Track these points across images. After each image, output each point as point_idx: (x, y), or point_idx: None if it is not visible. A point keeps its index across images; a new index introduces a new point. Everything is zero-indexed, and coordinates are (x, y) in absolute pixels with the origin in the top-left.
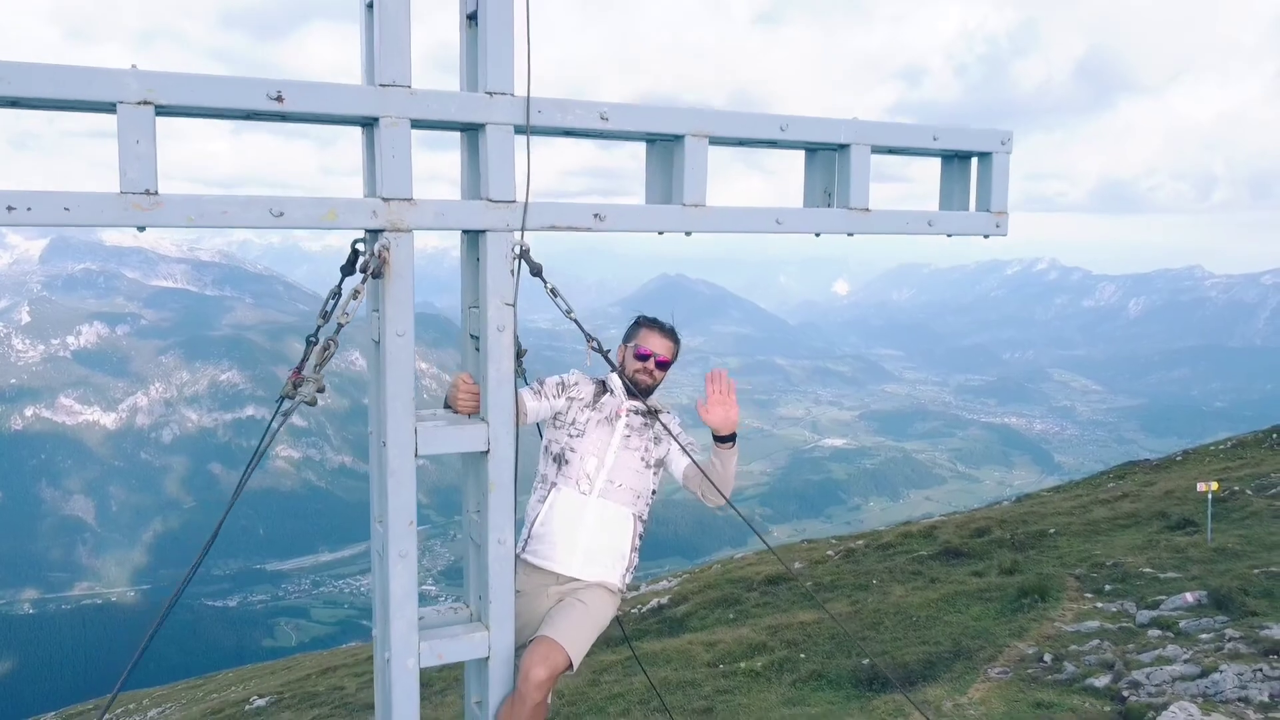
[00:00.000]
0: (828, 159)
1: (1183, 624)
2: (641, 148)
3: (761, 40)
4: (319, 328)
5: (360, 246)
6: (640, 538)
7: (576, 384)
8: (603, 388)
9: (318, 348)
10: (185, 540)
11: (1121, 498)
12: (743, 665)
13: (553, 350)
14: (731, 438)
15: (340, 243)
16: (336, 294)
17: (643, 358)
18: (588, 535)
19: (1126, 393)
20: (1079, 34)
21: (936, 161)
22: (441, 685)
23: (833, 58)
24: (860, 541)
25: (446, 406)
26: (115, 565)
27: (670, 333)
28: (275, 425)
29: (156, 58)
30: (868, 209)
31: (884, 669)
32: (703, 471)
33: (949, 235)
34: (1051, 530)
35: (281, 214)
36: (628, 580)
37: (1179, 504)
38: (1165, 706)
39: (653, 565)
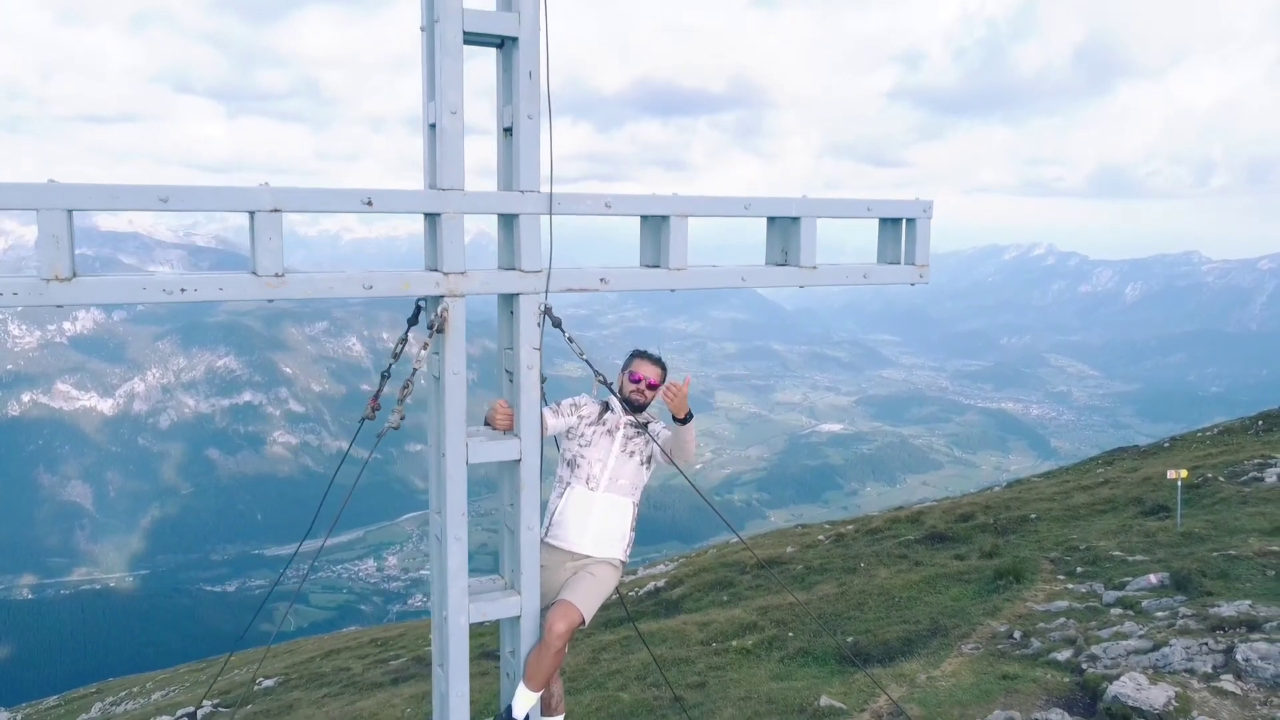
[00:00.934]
0: (784, 225)
1: (1144, 603)
2: (645, 127)
3: (759, 23)
4: (390, 365)
5: (423, 304)
6: (636, 519)
7: (585, 405)
8: (605, 407)
9: (396, 385)
10: (183, 526)
11: (1102, 484)
12: (734, 643)
13: (551, 335)
14: (687, 419)
15: (334, 227)
16: (404, 340)
17: (635, 381)
18: (595, 522)
19: (1123, 378)
20: (1078, 18)
21: (932, 146)
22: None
23: (830, 41)
24: (850, 526)
25: (486, 424)
26: (114, 551)
27: (657, 361)
28: (353, 449)
29: (149, 41)
30: (815, 266)
31: (844, 648)
32: (664, 451)
33: (880, 284)
34: (1033, 516)
35: (371, 286)
36: (628, 553)
37: (1155, 490)
38: (1117, 677)
39: (651, 550)
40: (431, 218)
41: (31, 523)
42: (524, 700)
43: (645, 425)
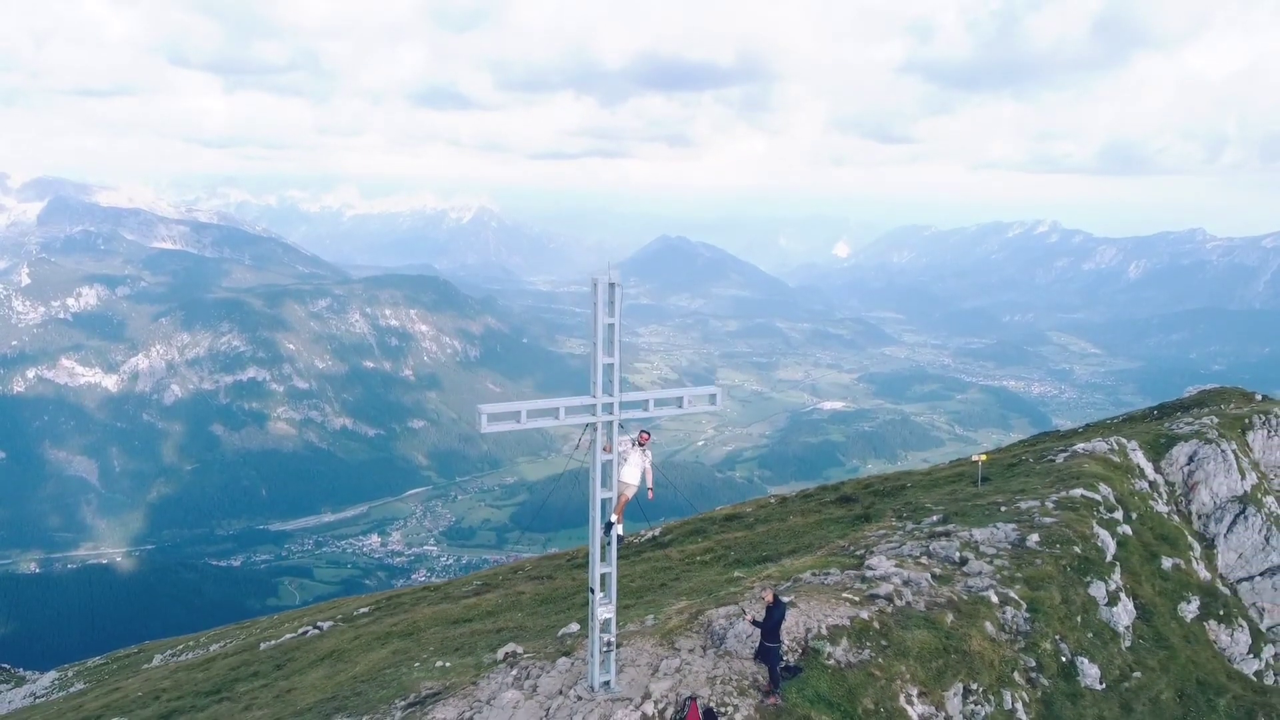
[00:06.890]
0: (674, 402)
1: (920, 530)
2: (649, 101)
3: None
4: (580, 439)
5: (589, 424)
6: (644, 471)
7: (628, 441)
8: (634, 442)
9: (583, 437)
10: (188, 502)
11: (973, 464)
12: (698, 559)
13: (552, 313)
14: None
15: (335, 204)
16: (583, 433)
17: (641, 437)
18: (631, 472)
19: (1125, 356)
20: None
21: (940, 121)
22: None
23: (839, 12)
24: (794, 493)
25: (604, 450)
26: (120, 526)
27: (648, 431)
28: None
29: (142, 11)
30: (682, 405)
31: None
32: (650, 466)
33: (706, 412)
34: (908, 485)
35: (567, 414)
36: (640, 479)
37: (988, 469)
38: (871, 558)
39: (656, 525)
40: (591, 407)
41: (37, 498)
42: (614, 517)
43: (644, 448)
